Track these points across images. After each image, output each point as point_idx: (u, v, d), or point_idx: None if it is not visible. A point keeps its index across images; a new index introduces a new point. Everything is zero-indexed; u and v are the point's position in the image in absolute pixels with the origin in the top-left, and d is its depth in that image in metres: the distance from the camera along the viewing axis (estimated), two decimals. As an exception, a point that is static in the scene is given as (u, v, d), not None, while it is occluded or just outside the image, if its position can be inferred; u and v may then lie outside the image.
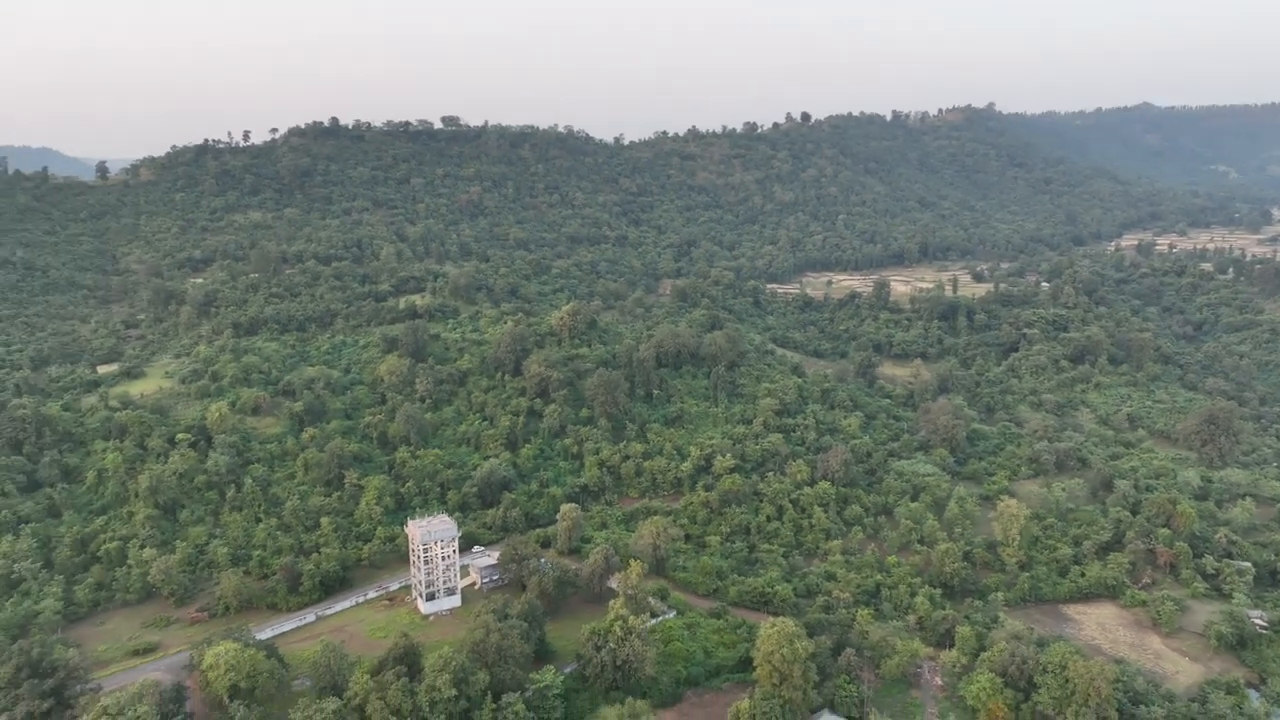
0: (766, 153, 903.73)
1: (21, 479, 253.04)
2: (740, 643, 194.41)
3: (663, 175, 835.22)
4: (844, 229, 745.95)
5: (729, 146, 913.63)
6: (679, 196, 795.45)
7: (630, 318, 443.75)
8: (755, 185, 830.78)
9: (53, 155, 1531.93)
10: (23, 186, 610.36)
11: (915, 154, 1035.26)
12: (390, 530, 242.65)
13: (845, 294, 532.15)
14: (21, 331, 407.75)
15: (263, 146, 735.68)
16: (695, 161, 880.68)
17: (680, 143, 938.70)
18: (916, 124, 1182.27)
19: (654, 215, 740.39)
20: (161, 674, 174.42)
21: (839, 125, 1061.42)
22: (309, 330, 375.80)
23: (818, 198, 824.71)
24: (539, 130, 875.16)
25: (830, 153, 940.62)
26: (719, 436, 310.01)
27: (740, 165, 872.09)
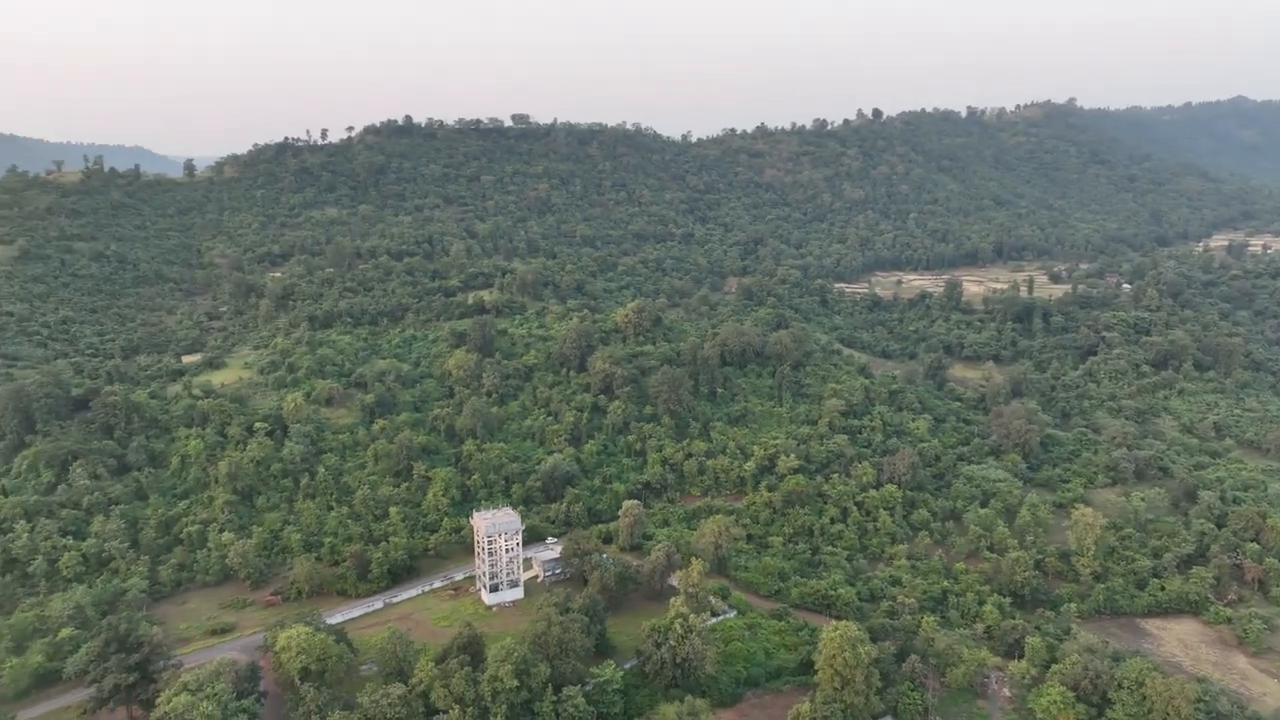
0: (836, 150, 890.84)
1: (112, 462, 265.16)
2: (802, 645, 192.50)
3: (730, 172, 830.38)
4: (915, 227, 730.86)
5: (798, 144, 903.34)
6: (746, 194, 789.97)
7: (695, 315, 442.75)
8: (824, 183, 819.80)
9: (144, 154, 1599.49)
10: (116, 184, 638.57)
11: (991, 151, 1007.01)
12: (456, 521, 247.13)
13: (915, 294, 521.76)
14: (114, 322, 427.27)
15: (339, 145, 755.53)
16: (763, 159, 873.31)
17: (748, 140, 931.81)
18: (993, 120, 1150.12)
19: (720, 213, 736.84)
20: (238, 654, 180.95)
21: (911, 122, 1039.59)
22: (381, 324, 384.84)
23: (888, 195, 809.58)
24: (607, 128, 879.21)
25: (902, 150, 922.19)
26: (783, 436, 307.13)
27: (809, 162, 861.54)
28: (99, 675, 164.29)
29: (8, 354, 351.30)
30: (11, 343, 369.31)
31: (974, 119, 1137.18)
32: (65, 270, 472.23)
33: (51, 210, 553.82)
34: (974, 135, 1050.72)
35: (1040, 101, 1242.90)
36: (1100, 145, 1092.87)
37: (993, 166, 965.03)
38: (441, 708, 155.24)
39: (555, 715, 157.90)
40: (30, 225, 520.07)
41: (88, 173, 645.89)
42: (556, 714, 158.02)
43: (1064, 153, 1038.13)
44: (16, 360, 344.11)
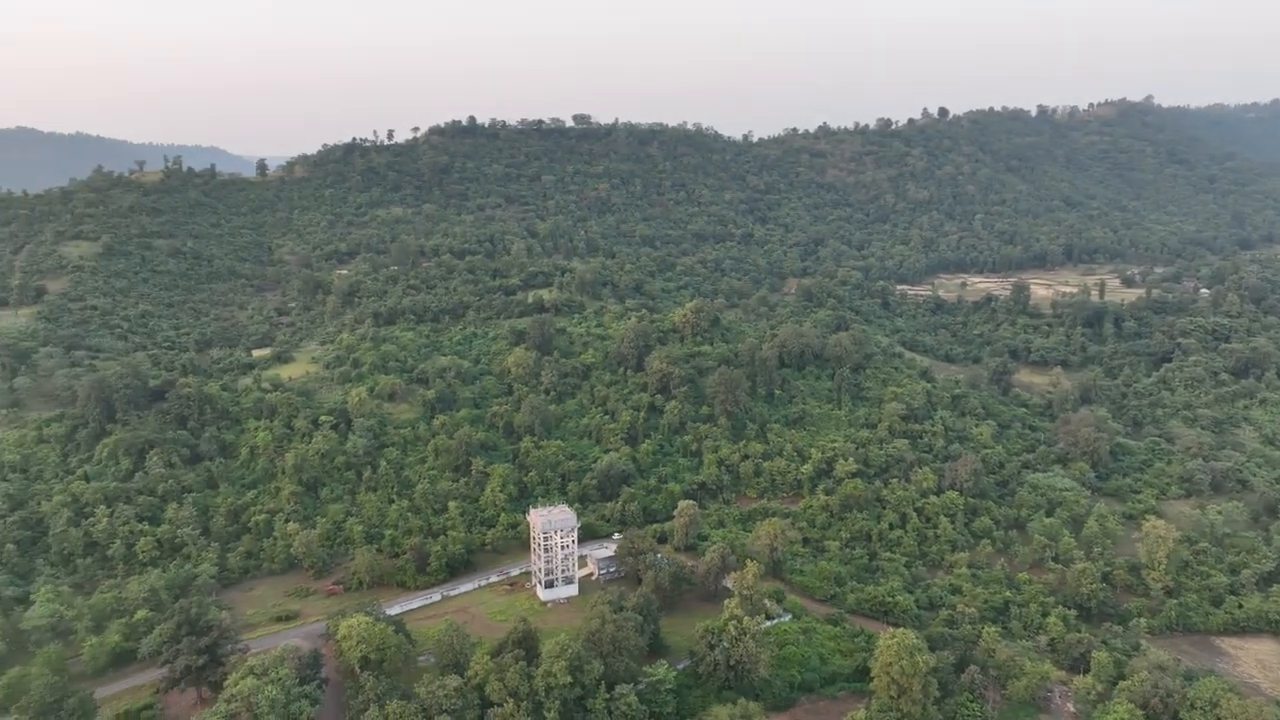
0: (900, 149, 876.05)
1: (185, 452, 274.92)
2: (858, 651, 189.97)
3: (791, 173, 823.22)
4: (981, 229, 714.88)
5: (861, 143, 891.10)
6: (807, 194, 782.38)
7: (754, 316, 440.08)
8: (887, 183, 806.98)
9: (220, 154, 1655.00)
10: (194, 183, 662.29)
11: (1062, 151, 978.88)
12: (513, 517, 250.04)
13: (980, 297, 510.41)
14: (189, 316, 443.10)
15: (405, 145, 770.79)
16: (825, 159, 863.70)
17: (810, 140, 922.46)
18: (1064, 119, 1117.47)
19: (781, 213, 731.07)
20: (301, 641, 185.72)
21: (979, 121, 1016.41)
22: (442, 321, 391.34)
23: (954, 196, 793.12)
24: (668, 128, 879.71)
25: (969, 149, 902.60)
26: (841, 439, 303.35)
27: (872, 162, 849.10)
28: (171, 656, 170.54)
29: (91, 346, 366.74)
30: (95, 335, 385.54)
31: (1045, 118, 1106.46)
32: (145, 266, 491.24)
33: (133, 208, 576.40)
34: (1044, 135, 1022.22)
35: (1115, 100, 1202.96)
36: (1179, 144, 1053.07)
37: (1064, 166, 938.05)
38: (496, 701, 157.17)
39: (608, 713, 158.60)
40: (114, 223, 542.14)
41: (167, 172, 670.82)
42: (609, 711, 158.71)
43: (1140, 152, 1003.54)
44: (99, 352, 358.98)
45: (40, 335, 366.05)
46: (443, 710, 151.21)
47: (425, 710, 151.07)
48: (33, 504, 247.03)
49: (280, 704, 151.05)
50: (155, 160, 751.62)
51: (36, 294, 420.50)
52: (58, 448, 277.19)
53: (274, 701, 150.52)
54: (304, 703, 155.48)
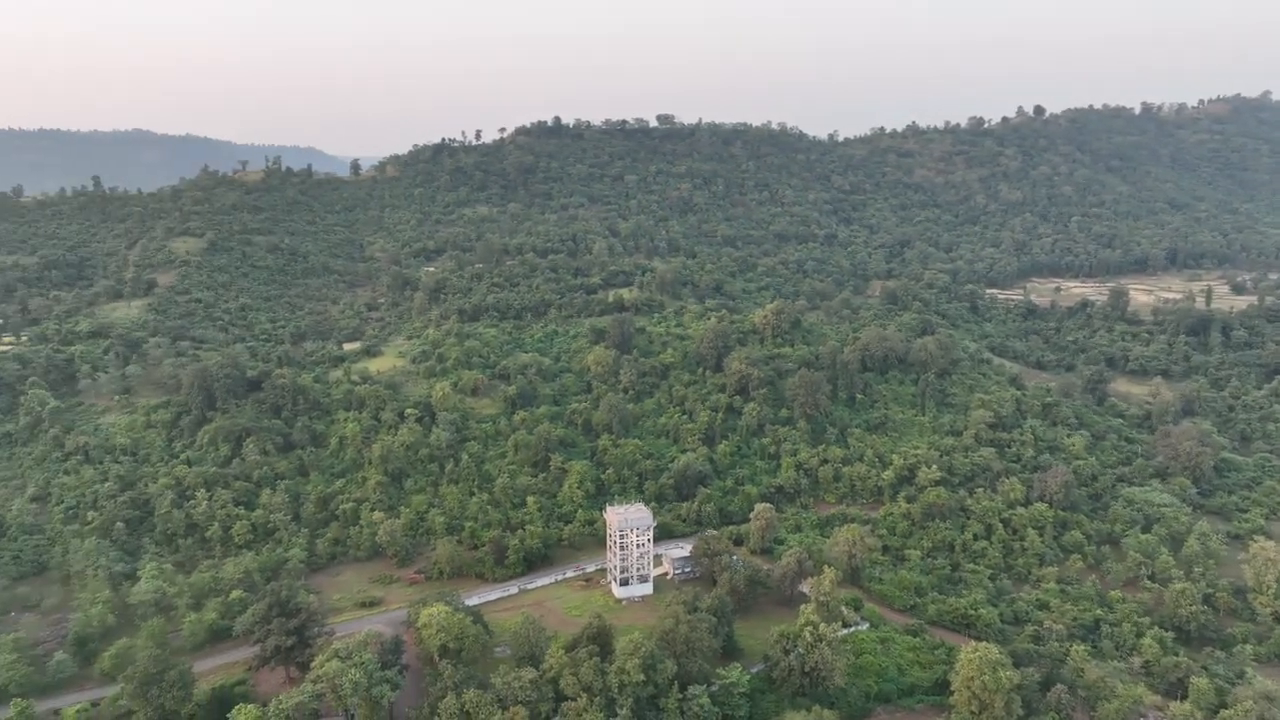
0: (992, 149, 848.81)
1: (279, 440, 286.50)
2: (937, 664, 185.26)
3: (877, 173, 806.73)
4: (1077, 231, 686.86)
5: (951, 143, 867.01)
6: (894, 195, 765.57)
7: (836, 318, 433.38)
8: (978, 184, 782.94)
9: (316, 154, 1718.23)
10: (292, 182, 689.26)
11: (1167, 150, 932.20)
12: (590, 514, 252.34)
13: (1075, 302, 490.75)
14: (285, 310, 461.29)
15: (492, 145, 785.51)
16: (913, 159, 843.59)
17: (898, 139, 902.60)
18: (1171, 117, 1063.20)
19: (866, 214, 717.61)
20: (383, 627, 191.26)
21: (1077, 119, 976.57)
22: (525, 319, 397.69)
23: (1048, 197, 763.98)
24: (751, 128, 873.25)
25: (1066, 149, 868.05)
26: (925, 446, 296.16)
27: (963, 162, 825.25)
28: (262, 636, 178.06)
29: (195, 337, 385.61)
30: (199, 326, 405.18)
31: (1149, 116, 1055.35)
32: (245, 261, 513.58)
33: (236, 206, 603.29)
34: (1148, 133, 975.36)
35: (1228, 96, 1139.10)
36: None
37: (1169, 167, 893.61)
38: (570, 695, 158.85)
39: (680, 713, 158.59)
40: (218, 220, 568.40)
41: (267, 172, 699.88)
42: (681, 712, 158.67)
43: (1254, 151, 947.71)
44: (202, 343, 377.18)
45: (150, 326, 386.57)
46: (518, 701, 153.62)
47: (501, 700, 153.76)
48: (141, 485, 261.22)
49: (363, 687, 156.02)
50: (257, 160, 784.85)
51: (148, 287, 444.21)
52: (163, 433, 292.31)
53: (357, 684, 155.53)
54: (385, 687, 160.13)
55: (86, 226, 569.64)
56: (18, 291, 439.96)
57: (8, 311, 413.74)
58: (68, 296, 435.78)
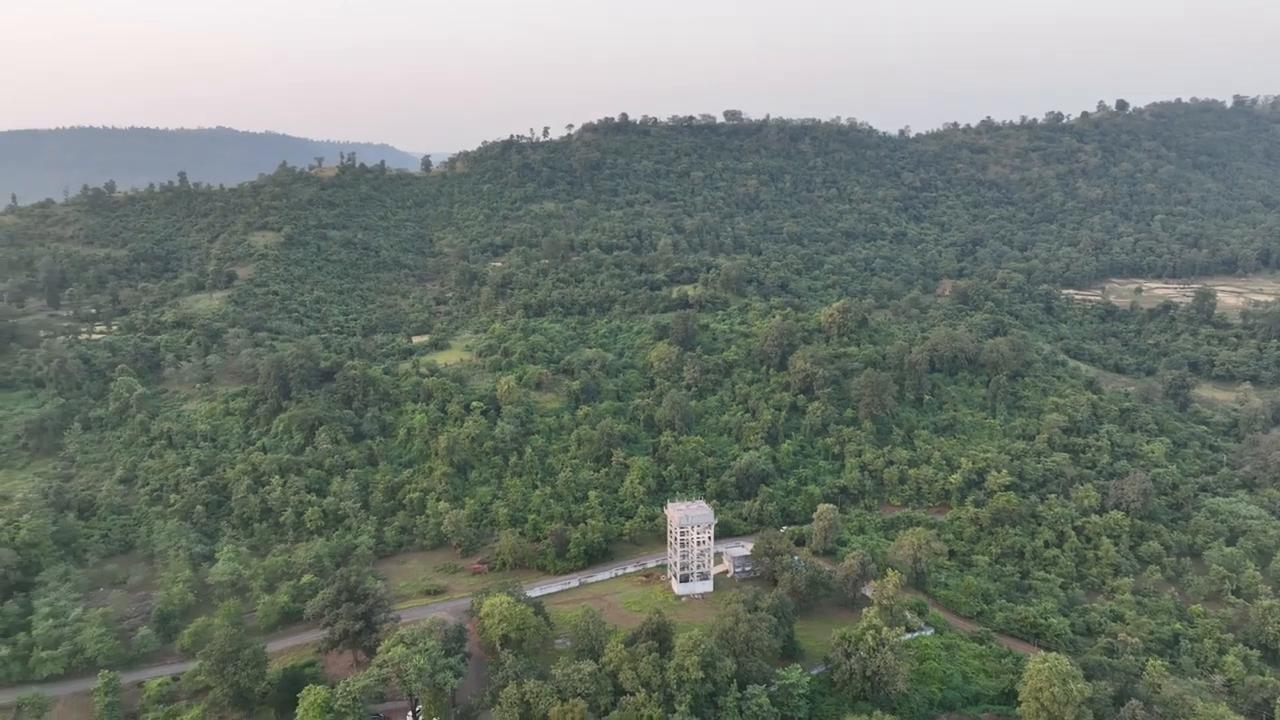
0: (1071, 145, 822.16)
1: (350, 430, 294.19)
2: (1004, 673, 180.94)
3: (949, 169, 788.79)
4: (1161, 230, 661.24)
5: (1027, 139, 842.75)
6: (966, 192, 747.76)
7: (904, 318, 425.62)
8: (1055, 181, 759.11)
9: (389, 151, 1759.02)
10: (365, 178, 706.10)
11: (1261, 145, 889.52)
12: (651, 510, 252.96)
13: (1157, 304, 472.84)
14: (357, 303, 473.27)
15: (559, 141, 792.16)
16: (987, 155, 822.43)
17: (971, 135, 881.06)
18: (1266, 110, 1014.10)
19: (937, 211, 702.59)
20: (447, 615, 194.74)
21: (1162, 114, 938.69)
22: (589, 314, 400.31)
23: (1130, 195, 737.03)
24: (820, 124, 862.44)
25: (1149, 145, 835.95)
26: (994, 450, 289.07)
27: (1039, 159, 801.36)
28: (332, 620, 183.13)
29: (272, 328, 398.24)
30: (275, 318, 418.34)
31: (1241, 109, 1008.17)
32: (320, 255, 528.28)
33: (312, 201, 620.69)
34: (1240, 128, 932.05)
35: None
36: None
37: (1263, 163, 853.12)
38: (629, 689, 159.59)
39: (739, 712, 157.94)
40: (295, 214, 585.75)
41: (342, 168, 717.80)
42: (740, 711, 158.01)
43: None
44: (278, 334, 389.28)
45: (230, 317, 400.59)
46: (577, 693, 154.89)
47: (560, 692, 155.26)
48: (219, 470, 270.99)
49: (427, 673, 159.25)
50: (332, 157, 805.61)
51: (228, 279, 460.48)
52: (241, 420, 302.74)
53: (421, 670, 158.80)
54: (448, 674, 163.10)
55: (172, 221, 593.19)
56: (109, 283, 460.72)
57: (100, 301, 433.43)
58: (155, 288, 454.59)
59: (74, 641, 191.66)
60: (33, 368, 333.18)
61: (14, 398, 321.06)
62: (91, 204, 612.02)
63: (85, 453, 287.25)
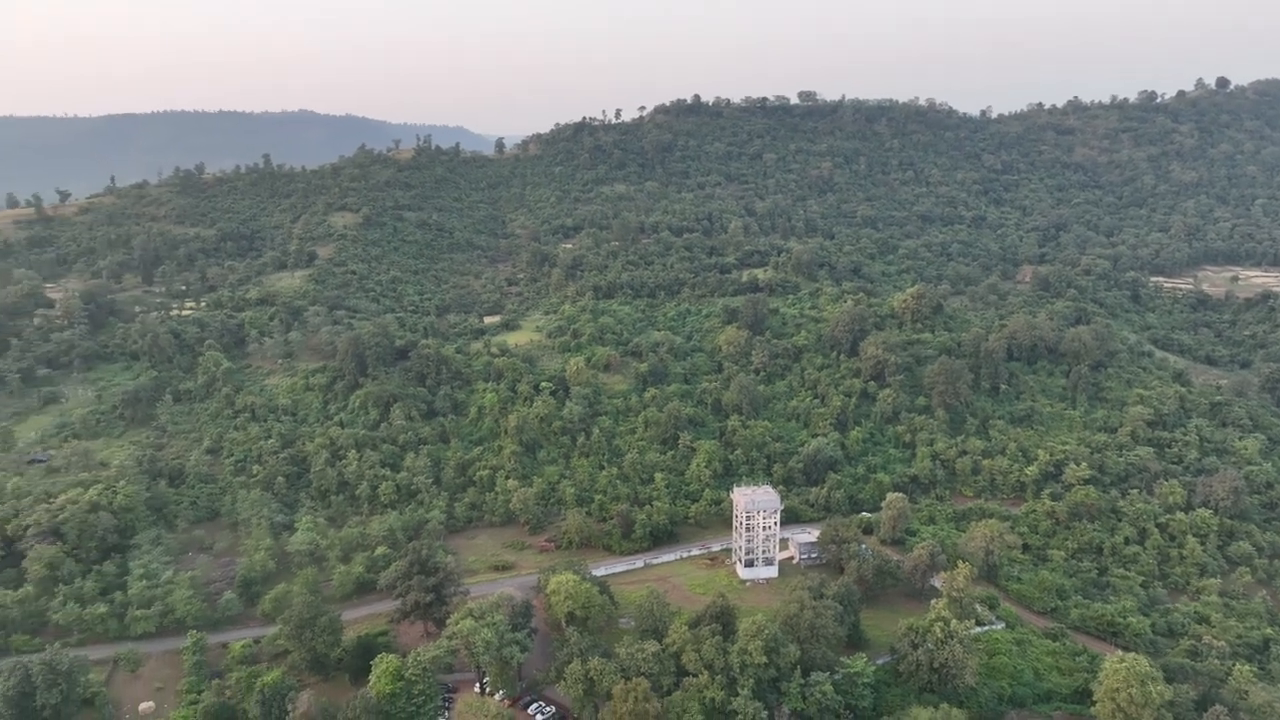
0: (1165, 125, 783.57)
1: (423, 407, 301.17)
2: (1078, 671, 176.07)
3: (1033, 151, 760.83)
4: (1262, 215, 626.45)
5: (1117, 119, 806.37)
6: (1050, 175, 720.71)
7: (981, 304, 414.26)
8: (1146, 163, 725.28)
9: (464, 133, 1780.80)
10: (440, 160, 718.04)
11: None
12: (717, 494, 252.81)
13: (1256, 293, 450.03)
14: (431, 283, 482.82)
15: (631, 124, 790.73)
16: (1073, 136, 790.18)
17: (1057, 115, 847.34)
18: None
19: (1018, 195, 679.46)
20: (514, 590, 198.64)
21: (1267, 91, 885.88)
22: (658, 297, 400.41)
23: (1228, 178, 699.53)
24: (897, 104, 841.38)
25: (1252, 125, 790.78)
26: (1074, 442, 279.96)
27: (1130, 140, 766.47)
28: (404, 591, 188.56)
29: (350, 306, 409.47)
30: (353, 297, 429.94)
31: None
32: (396, 236, 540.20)
33: (389, 183, 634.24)
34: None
35: None
36: None
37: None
38: (692, 671, 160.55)
39: (802, 698, 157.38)
40: (373, 196, 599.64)
41: (418, 150, 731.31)
42: (803, 697, 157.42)
43: None
44: (356, 312, 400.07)
45: (310, 295, 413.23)
46: (640, 673, 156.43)
47: (624, 670, 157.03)
48: (299, 444, 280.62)
49: (494, 647, 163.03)
50: (409, 139, 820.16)
51: (309, 259, 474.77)
52: (320, 395, 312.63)
53: (489, 644, 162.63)
54: (515, 648, 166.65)
55: (257, 201, 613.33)
56: (198, 261, 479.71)
57: (190, 279, 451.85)
58: (240, 266, 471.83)
59: (165, 602, 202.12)
60: (129, 341, 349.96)
61: (112, 369, 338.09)
62: (183, 185, 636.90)
63: (175, 423, 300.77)
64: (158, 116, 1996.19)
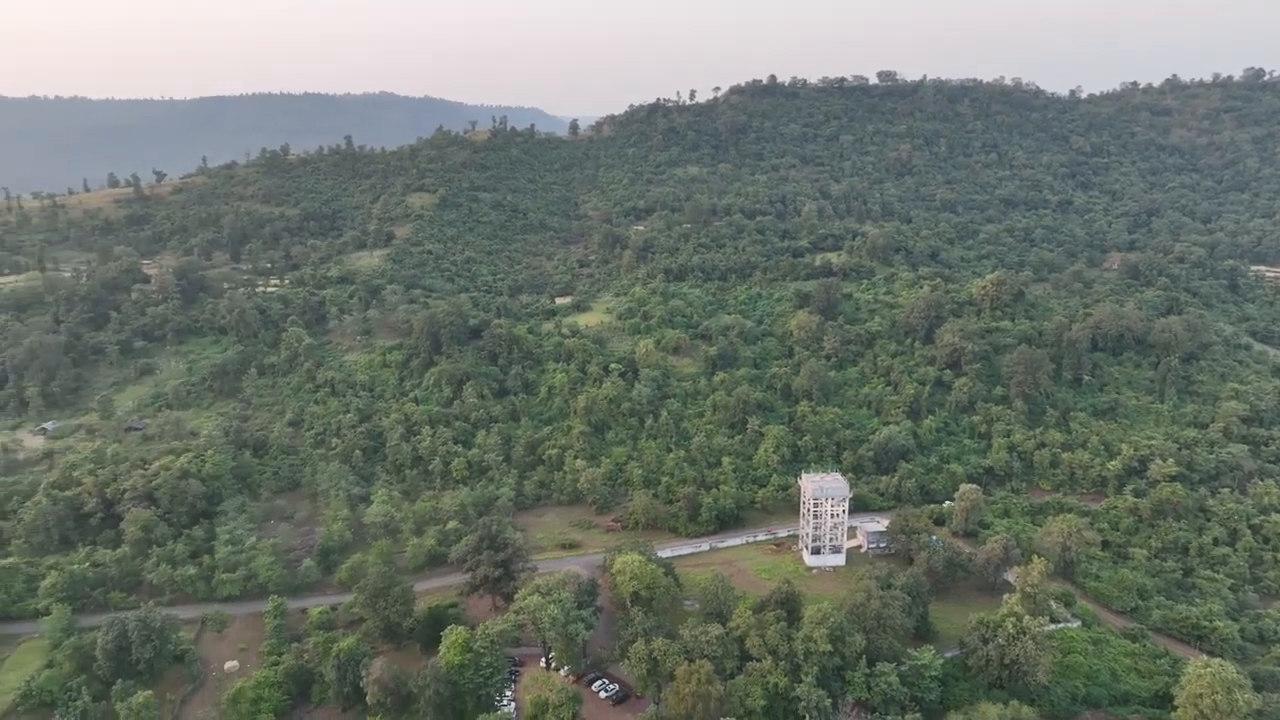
0: (1273, 105, 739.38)
1: (495, 386, 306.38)
2: (1159, 675, 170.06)
3: (1125, 133, 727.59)
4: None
5: (1219, 99, 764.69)
6: (1143, 157, 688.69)
7: (1065, 292, 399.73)
8: (1250, 145, 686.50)
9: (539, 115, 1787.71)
10: (515, 142, 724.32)
11: None
12: (784, 479, 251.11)
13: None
14: (504, 263, 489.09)
15: (705, 105, 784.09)
16: (1170, 117, 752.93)
17: (1153, 95, 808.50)
18: None
19: (1108, 178, 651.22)
20: (581, 569, 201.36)
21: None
22: (729, 280, 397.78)
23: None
24: (981, 84, 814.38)
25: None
26: (1160, 437, 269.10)
27: (1233, 121, 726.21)
28: (473, 565, 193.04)
29: (426, 286, 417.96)
30: (429, 276, 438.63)
31: None
32: (471, 217, 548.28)
33: (465, 165, 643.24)
34: None
35: None
36: None
37: None
38: (755, 655, 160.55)
39: (867, 688, 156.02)
40: (449, 177, 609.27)
41: (494, 132, 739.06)
42: (868, 687, 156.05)
43: None
44: (431, 291, 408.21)
45: (388, 274, 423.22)
46: (704, 655, 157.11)
47: (688, 652, 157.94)
48: (376, 419, 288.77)
49: (560, 623, 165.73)
50: (485, 121, 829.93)
51: (388, 238, 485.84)
52: (396, 372, 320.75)
53: (554, 620, 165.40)
54: (580, 625, 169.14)
55: (339, 182, 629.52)
56: (282, 240, 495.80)
57: (274, 257, 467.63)
58: (322, 245, 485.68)
59: (249, 567, 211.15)
60: (218, 316, 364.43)
61: (202, 343, 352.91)
62: (269, 166, 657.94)
63: (260, 396, 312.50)
64: (246, 99, 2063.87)
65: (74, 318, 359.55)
